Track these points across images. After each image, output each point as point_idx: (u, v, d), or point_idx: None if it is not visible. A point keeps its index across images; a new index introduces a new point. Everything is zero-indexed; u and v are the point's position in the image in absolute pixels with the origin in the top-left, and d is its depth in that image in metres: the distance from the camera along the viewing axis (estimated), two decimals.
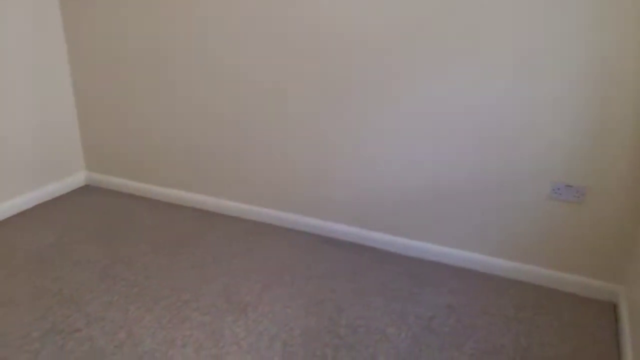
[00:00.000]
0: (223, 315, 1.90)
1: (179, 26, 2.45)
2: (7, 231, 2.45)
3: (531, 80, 1.92)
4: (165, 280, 2.11)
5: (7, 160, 2.53)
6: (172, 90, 2.59)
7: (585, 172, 1.96)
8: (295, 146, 2.42)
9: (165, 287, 2.06)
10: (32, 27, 2.54)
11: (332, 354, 1.73)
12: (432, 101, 2.10)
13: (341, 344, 1.78)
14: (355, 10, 2.10)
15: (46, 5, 2.59)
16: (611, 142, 1.89)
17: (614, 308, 2.02)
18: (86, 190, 2.94)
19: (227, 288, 2.07)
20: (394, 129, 2.20)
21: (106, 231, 2.48)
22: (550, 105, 1.92)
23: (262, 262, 2.27)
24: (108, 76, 2.72)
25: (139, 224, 2.56)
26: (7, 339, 1.74)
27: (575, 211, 2.02)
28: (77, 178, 2.94)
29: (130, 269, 2.18)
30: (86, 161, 2.96)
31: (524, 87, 1.94)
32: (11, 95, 2.50)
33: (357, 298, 2.03)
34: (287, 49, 2.27)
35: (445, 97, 2.07)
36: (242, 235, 2.49)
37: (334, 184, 2.40)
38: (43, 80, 2.65)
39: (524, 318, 1.94)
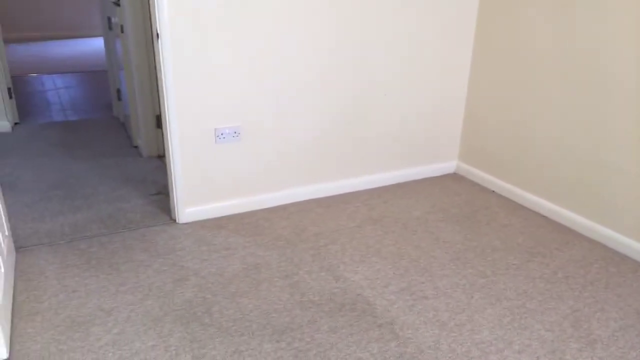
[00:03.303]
0: (567, 339, 1.79)
1: (589, 36, 2.33)
2: (386, 197, 2.89)
3: None
4: (512, 282, 2.11)
5: (400, 140, 2.97)
6: (565, 98, 2.50)
7: None
8: None
9: (511, 288, 2.07)
10: (445, 19, 2.86)
11: None
12: None
13: None
14: None
15: (465, 4, 2.86)
16: None
17: None
18: (454, 177, 3.18)
19: (575, 313, 1.93)
20: None
21: (465, 218, 2.64)
22: None
23: (623, 300, 2.01)
24: (501, 79, 2.82)
25: (495, 220, 2.63)
26: (372, 283, 2.09)
27: None
28: (449, 165, 3.22)
29: (481, 260, 2.27)
30: (460, 152, 3.19)
31: None
32: (418, 90, 2.90)
33: None
34: None
35: None
36: (603, 263, 2.25)
37: None
38: (444, 75, 2.96)
39: None
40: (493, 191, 2.97)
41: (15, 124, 3.98)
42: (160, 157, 3.34)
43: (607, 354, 1.73)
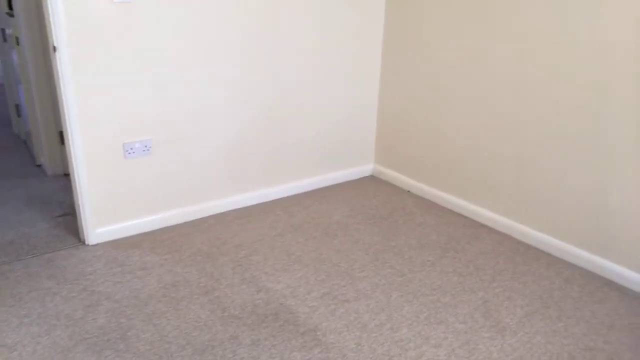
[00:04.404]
0: (479, 329, 1.89)
1: (495, 39, 2.48)
2: (306, 203, 2.91)
3: None
4: (428, 278, 2.20)
5: (318, 146, 3.01)
6: (471, 100, 2.64)
7: None
8: (596, 173, 2.20)
9: (427, 284, 2.16)
10: (354, 27, 2.93)
11: None
12: None
13: None
14: None
15: (371, 11, 2.95)
16: None
17: None
18: (371, 180, 3.27)
19: (486, 303, 2.04)
20: None
21: (382, 219, 2.72)
22: None
23: (528, 287, 2.15)
24: (410, 84, 2.94)
25: (411, 219, 2.72)
26: (294, 291, 2.09)
27: None
28: (366, 168, 3.30)
29: (398, 259, 2.34)
30: (376, 155, 3.28)
31: None
32: (329, 97, 2.94)
33: (637, 358, 1.75)
34: (608, 71, 2.07)
35: None
36: (510, 254, 2.40)
37: (637, 225, 2.10)
38: (355, 82, 3.03)
39: None
40: (408, 191, 3.08)
41: None
42: (67, 176, 3.15)
43: (516, 339, 1.84)
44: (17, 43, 3.02)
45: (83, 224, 2.33)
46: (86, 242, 2.36)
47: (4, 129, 4.08)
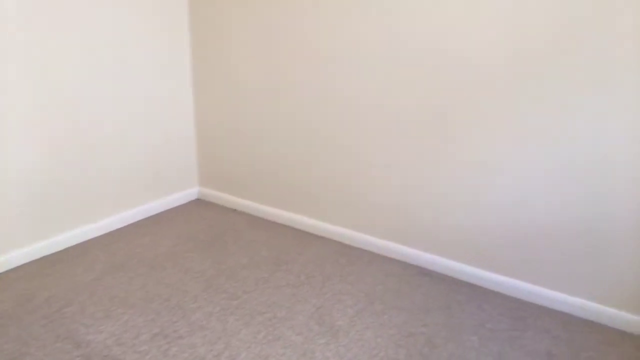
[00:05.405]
0: (315, 337, 1.94)
1: (295, 56, 2.59)
2: (129, 237, 2.70)
3: None
4: (262, 296, 2.20)
5: (133, 175, 2.81)
6: (282, 118, 2.72)
7: None
8: (397, 173, 2.42)
9: (262, 302, 2.15)
10: (160, 53, 2.82)
11: None
12: (557, 139, 2.00)
13: None
14: (473, 41, 2.08)
15: (175, 28, 2.87)
16: None
17: None
18: (197, 203, 3.17)
19: (319, 310, 2.11)
20: (506, 164, 2.13)
21: (212, 243, 2.65)
22: None
23: (355, 287, 2.28)
24: (225, 103, 2.92)
25: (241, 239, 2.70)
26: (121, 339, 1.91)
27: None
28: (191, 192, 3.19)
29: (231, 282, 2.30)
30: (199, 178, 3.20)
31: None
32: (142, 119, 2.78)
33: (450, 335, 1.97)
34: (401, 77, 2.30)
35: (573, 136, 1.97)
36: (336, 258, 2.53)
37: (436, 214, 2.37)
38: (169, 106, 2.92)
39: None
40: (234, 210, 3.05)
41: None
42: None
43: (348, 340, 1.93)
44: None
45: None
46: None
47: None
